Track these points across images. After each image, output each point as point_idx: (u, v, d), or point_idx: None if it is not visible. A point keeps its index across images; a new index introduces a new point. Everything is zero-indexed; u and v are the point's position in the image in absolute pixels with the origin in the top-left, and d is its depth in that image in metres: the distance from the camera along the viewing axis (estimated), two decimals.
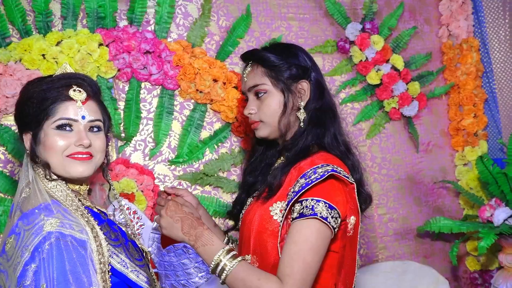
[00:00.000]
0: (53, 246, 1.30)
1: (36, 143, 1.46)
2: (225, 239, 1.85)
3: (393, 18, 2.97)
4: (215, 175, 2.55)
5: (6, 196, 2.24)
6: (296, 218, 1.48)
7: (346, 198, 1.55)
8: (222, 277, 1.49)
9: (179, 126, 2.53)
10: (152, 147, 2.49)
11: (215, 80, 2.52)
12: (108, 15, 2.40)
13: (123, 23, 2.45)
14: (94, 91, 1.53)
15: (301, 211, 1.48)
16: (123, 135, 2.43)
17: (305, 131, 1.65)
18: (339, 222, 1.50)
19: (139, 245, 1.62)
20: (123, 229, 1.62)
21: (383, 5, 2.98)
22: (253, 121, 1.72)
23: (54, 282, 1.27)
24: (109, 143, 1.58)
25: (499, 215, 2.69)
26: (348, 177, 1.55)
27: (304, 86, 1.68)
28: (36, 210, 1.38)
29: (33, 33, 2.30)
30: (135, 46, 2.40)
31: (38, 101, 1.45)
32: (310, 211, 1.46)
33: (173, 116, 2.51)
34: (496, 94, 3.24)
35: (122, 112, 2.44)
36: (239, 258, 1.50)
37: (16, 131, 2.23)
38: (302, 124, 1.66)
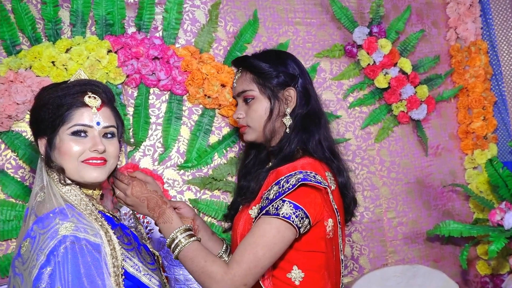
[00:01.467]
0: (68, 250, 1.33)
1: (51, 148, 1.48)
2: (223, 247, 1.88)
3: (400, 22, 2.97)
4: (224, 179, 2.56)
5: (17, 201, 2.26)
6: (262, 214, 1.56)
7: (321, 201, 1.60)
8: (176, 252, 1.57)
9: (187, 131, 2.54)
10: (161, 152, 2.50)
11: (223, 85, 2.53)
12: (116, 22, 2.43)
13: (131, 29, 2.48)
14: (108, 97, 1.55)
15: (267, 209, 1.55)
16: (132, 140, 2.45)
17: (290, 137, 1.70)
18: (306, 222, 1.55)
19: (151, 249, 1.64)
20: (135, 233, 1.65)
21: (390, 8, 2.99)
22: (241, 125, 1.79)
23: (69, 285, 1.30)
24: (121, 149, 1.60)
25: (510, 218, 2.68)
26: (320, 182, 1.58)
27: (291, 93, 1.74)
28: (51, 214, 1.40)
29: (43, 40, 2.33)
30: (144, 52, 2.42)
31: (53, 107, 1.47)
32: (274, 211, 1.53)
33: (181, 121, 2.53)
34: (505, 96, 3.23)
35: (131, 117, 2.46)
36: (194, 238, 1.58)
37: (27, 137, 2.27)
38: (287, 129, 1.72)
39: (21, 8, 2.30)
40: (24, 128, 2.28)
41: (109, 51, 2.38)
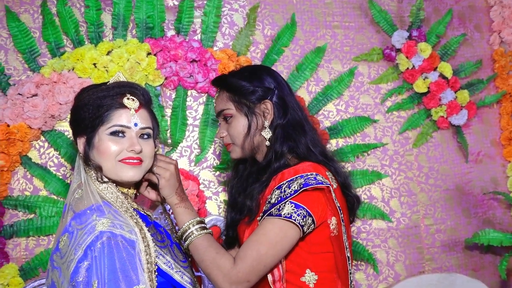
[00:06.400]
0: (105, 245, 1.37)
1: (89, 147, 1.53)
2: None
3: (441, 25, 2.92)
4: None
5: (59, 198, 2.34)
6: (266, 215, 1.60)
7: (324, 201, 1.63)
8: (187, 242, 1.63)
9: None
10: (197, 154, 2.54)
11: None
12: (156, 25, 2.48)
13: (170, 32, 2.52)
14: (146, 100, 1.60)
15: (270, 211, 1.60)
16: (169, 141, 2.50)
17: (275, 150, 1.72)
18: (309, 220, 1.59)
19: (183, 248, 1.67)
20: (168, 231, 1.68)
21: (431, 12, 2.94)
22: (226, 144, 1.83)
23: (105, 280, 1.34)
24: (156, 149, 1.64)
25: None
26: (322, 182, 1.61)
27: (268, 106, 1.76)
28: (88, 211, 1.45)
29: (85, 43, 2.41)
30: (182, 55, 2.46)
31: (94, 107, 1.52)
32: (277, 211, 1.58)
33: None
34: None
35: (169, 119, 2.51)
36: (206, 231, 1.64)
37: (69, 136, 2.34)
38: (267, 142, 1.74)
39: (65, 12, 2.38)
40: (66, 127, 2.36)
41: (149, 53, 2.44)
